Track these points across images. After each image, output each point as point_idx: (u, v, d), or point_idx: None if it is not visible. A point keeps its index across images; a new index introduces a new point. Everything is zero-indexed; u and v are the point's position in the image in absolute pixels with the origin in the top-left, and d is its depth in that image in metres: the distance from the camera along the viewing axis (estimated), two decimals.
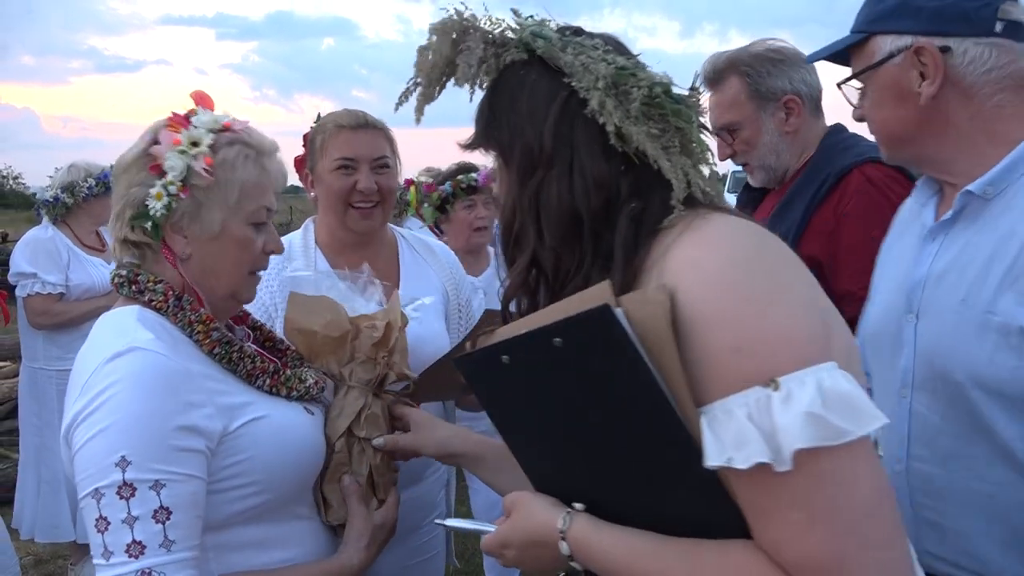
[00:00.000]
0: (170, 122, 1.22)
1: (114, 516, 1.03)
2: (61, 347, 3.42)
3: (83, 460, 1.06)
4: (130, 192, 1.20)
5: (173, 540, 1.05)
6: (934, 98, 1.17)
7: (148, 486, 1.04)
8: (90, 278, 3.44)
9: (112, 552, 1.03)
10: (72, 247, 3.47)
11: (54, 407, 3.39)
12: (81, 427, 1.07)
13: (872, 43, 1.22)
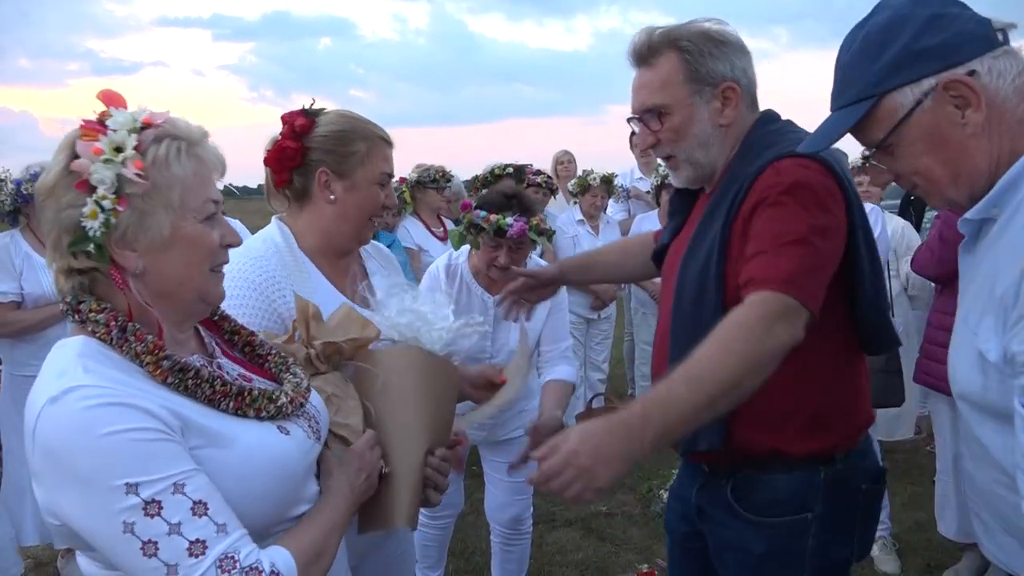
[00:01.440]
0: (84, 131, 1.10)
1: (156, 534, 0.99)
2: (26, 353, 3.41)
3: (82, 504, 1.00)
4: (61, 217, 1.09)
5: (223, 523, 1.04)
6: (983, 126, 1.15)
7: (170, 493, 1.01)
8: (41, 287, 3.39)
9: (176, 564, 0.99)
10: (29, 254, 3.43)
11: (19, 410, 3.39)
12: (57, 472, 1.02)
13: (886, 103, 1.19)
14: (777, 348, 1.34)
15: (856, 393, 1.63)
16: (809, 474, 1.55)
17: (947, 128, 1.16)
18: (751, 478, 1.57)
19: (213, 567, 1.00)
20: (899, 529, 3.79)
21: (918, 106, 1.17)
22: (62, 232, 1.10)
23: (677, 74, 1.62)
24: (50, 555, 3.78)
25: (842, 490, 1.57)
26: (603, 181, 5.32)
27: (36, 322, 3.37)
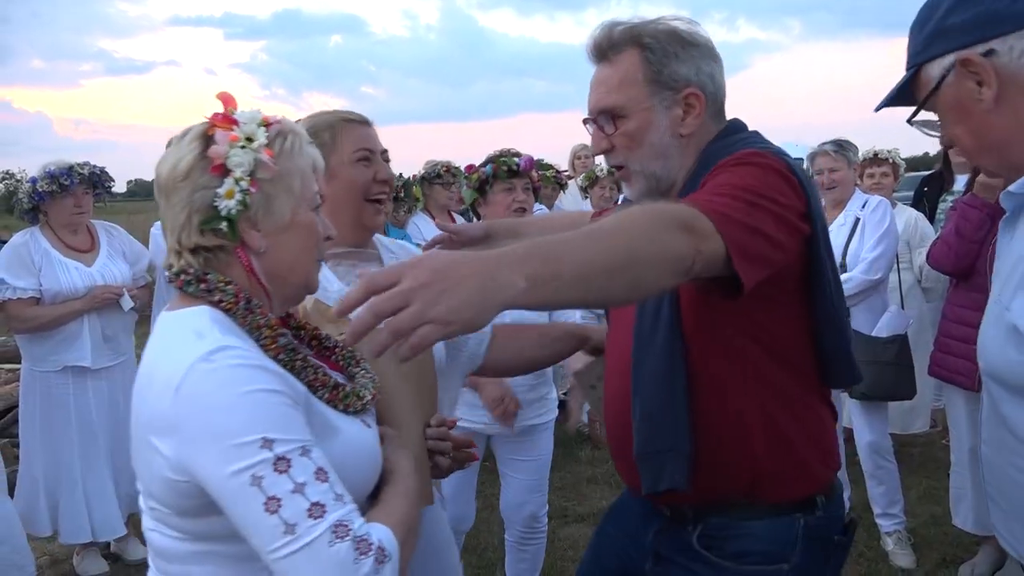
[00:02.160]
0: (217, 122, 1.21)
1: (282, 491, 1.02)
2: (44, 349, 3.47)
3: (218, 454, 1.03)
4: (195, 198, 1.18)
5: (341, 494, 1.06)
6: (998, 100, 1.18)
7: (298, 454, 1.05)
8: (59, 283, 3.44)
9: (295, 524, 1.01)
10: (48, 251, 3.48)
11: (44, 406, 3.45)
12: (201, 423, 1.05)
13: (922, 74, 1.26)
14: (663, 254, 1.10)
15: (829, 428, 1.51)
16: (788, 522, 1.42)
17: (968, 102, 1.21)
18: (722, 525, 1.43)
19: (328, 531, 1.02)
20: (914, 523, 3.77)
21: (943, 80, 1.22)
22: (193, 212, 1.18)
23: (637, 73, 1.46)
24: (65, 552, 3.81)
25: (818, 540, 1.45)
26: (610, 173, 5.31)
27: (54, 318, 3.41)
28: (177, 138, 1.24)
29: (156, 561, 1.21)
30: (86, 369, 3.49)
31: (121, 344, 3.65)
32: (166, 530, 1.16)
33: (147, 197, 4.73)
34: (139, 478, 1.18)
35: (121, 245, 3.73)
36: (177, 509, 1.12)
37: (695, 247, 1.12)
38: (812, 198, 1.35)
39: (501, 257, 0.98)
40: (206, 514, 1.09)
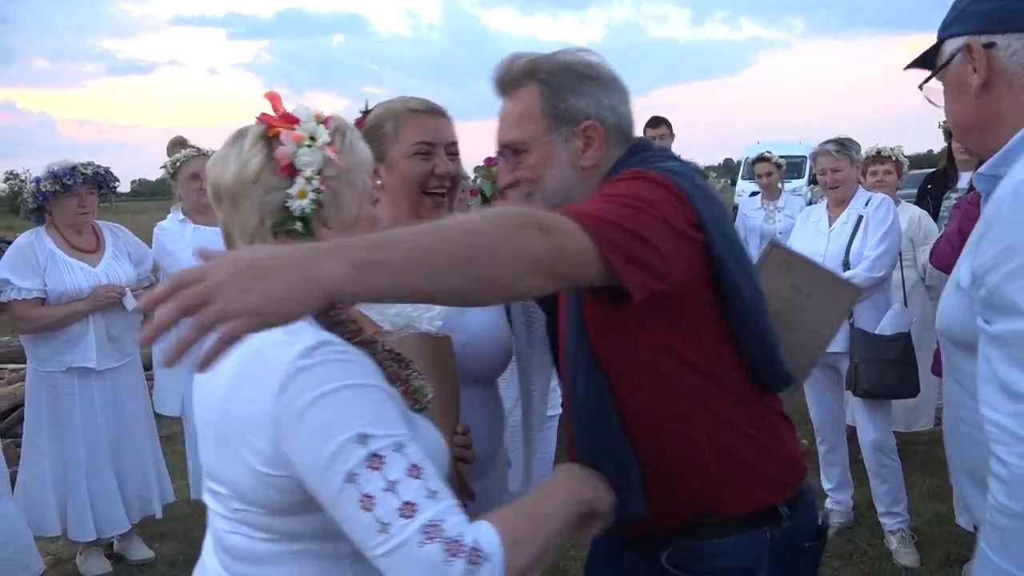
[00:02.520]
0: (276, 122, 1.20)
1: (375, 489, 1.01)
2: (49, 349, 3.47)
3: (316, 453, 1.03)
4: (266, 200, 1.18)
5: (435, 490, 1.04)
6: (984, 90, 1.31)
7: (392, 450, 1.03)
8: (63, 283, 3.44)
9: (388, 523, 1.00)
10: (53, 251, 3.48)
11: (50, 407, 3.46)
12: (303, 420, 1.04)
13: (944, 47, 1.38)
14: (512, 249, 1.07)
15: (784, 437, 1.49)
16: (755, 536, 1.41)
17: (964, 84, 1.34)
18: (690, 545, 1.41)
19: (419, 532, 1.00)
20: (918, 521, 3.75)
21: (953, 58, 1.35)
22: (265, 215, 1.19)
23: (535, 108, 1.45)
24: (69, 552, 3.82)
25: (788, 550, 1.44)
26: None
27: (59, 318, 3.42)
28: (230, 142, 1.22)
29: (232, 564, 1.18)
30: (91, 369, 3.49)
31: (126, 345, 3.65)
32: (251, 531, 1.13)
33: (150, 197, 4.69)
34: (221, 480, 1.15)
35: (126, 245, 3.73)
36: (271, 507, 1.10)
37: (553, 244, 1.10)
38: (703, 210, 1.32)
39: (323, 245, 0.97)
40: (301, 512, 1.09)
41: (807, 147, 18.61)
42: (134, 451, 3.66)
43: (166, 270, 3.72)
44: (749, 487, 1.40)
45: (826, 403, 3.80)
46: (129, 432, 3.64)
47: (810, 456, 4.43)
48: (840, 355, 3.58)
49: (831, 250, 3.64)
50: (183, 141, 4.46)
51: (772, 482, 1.43)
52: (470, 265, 1.05)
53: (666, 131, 6.02)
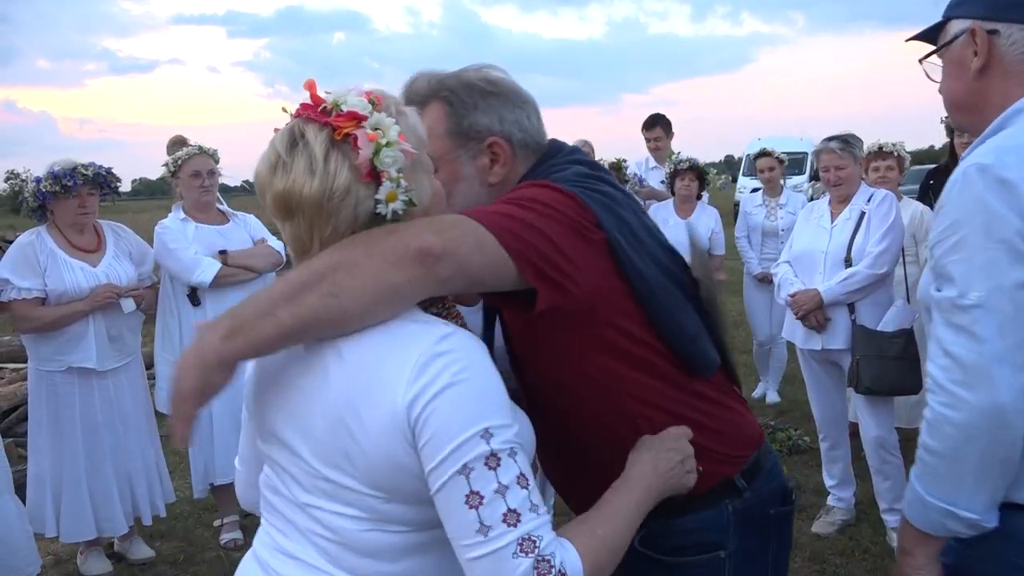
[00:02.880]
0: (343, 124, 1.11)
1: (486, 489, 1.01)
2: (49, 349, 3.46)
3: (441, 438, 1.03)
4: (359, 211, 1.12)
5: (536, 504, 1.04)
6: (982, 73, 1.42)
7: (507, 454, 1.03)
8: (63, 283, 3.43)
9: (490, 527, 1.00)
10: (54, 251, 3.47)
11: (51, 406, 3.46)
12: (431, 405, 1.04)
13: (948, 26, 1.48)
14: (383, 244, 1.10)
15: (731, 415, 1.50)
16: (716, 511, 1.44)
17: (963, 64, 1.44)
18: (659, 525, 1.43)
19: (516, 542, 1.01)
20: None
21: (956, 38, 1.45)
22: (357, 226, 1.13)
23: (440, 126, 1.46)
24: (69, 551, 3.82)
25: (753, 520, 1.47)
26: (612, 168, 5.28)
27: (58, 318, 3.41)
28: (288, 148, 1.12)
29: (361, 562, 1.12)
30: (91, 370, 3.48)
31: (127, 344, 3.64)
32: (388, 527, 1.11)
33: (151, 196, 4.66)
34: (347, 473, 1.10)
35: (128, 245, 3.72)
36: (416, 496, 1.08)
37: (418, 234, 1.11)
38: (599, 210, 1.33)
39: (203, 336, 1.10)
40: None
41: (808, 143, 18.58)
42: (135, 451, 3.65)
43: (168, 269, 3.70)
44: (704, 462, 1.42)
45: (828, 400, 3.79)
46: (130, 432, 3.63)
47: (813, 453, 4.43)
48: (842, 352, 3.57)
49: (833, 247, 3.63)
50: (183, 140, 4.44)
51: (725, 458, 1.47)
52: (318, 287, 1.08)
53: (661, 133, 6.00)
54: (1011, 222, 1.26)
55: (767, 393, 5.86)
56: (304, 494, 1.15)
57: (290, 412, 1.16)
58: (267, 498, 1.24)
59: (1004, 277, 1.25)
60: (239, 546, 3.82)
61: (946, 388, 1.29)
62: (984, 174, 1.29)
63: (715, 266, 5.40)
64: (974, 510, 1.30)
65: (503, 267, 1.17)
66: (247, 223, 3.96)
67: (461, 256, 1.12)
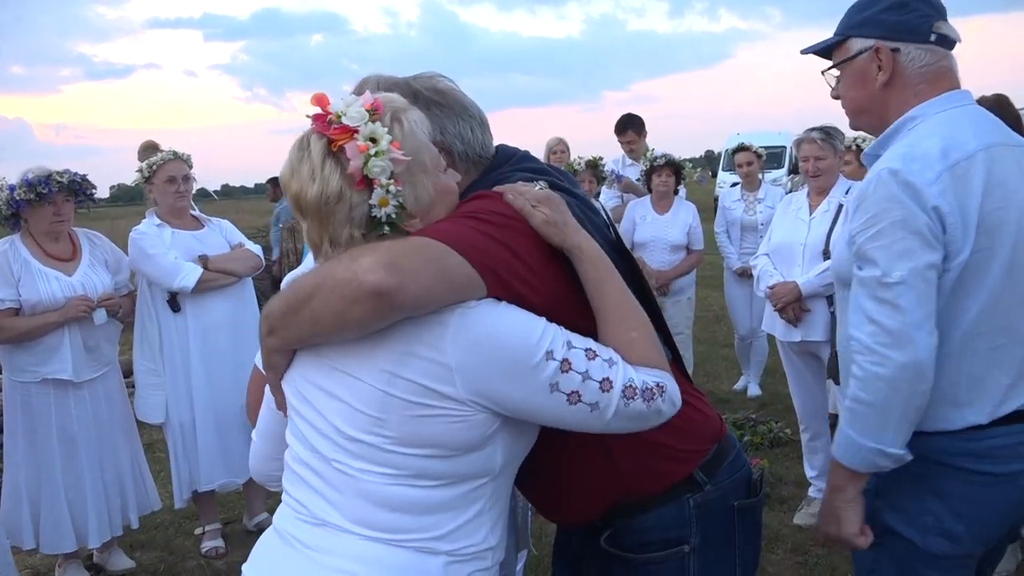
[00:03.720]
0: (337, 136, 1.21)
1: (575, 384, 1.20)
2: (23, 360, 3.41)
3: (524, 377, 1.19)
4: (353, 216, 1.22)
5: (608, 357, 1.23)
6: (886, 85, 1.70)
7: (567, 349, 1.21)
8: (38, 293, 3.37)
9: (596, 402, 1.20)
10: (28, 260, 3.41)
11: (26, 417, 3.41)
12: (488, 354, 1.19)
13: (849, 43, 1.74)
14: (343, 276, 1.15)
15: (688, 413, 1.46)
16: (677, 506, 1.46)
17: (867, 76, 1.71)
18: (624, 524, 1.48)
19: (620, 397, 1.21)
20: None
21: (860, 54, 1.71)
22: (354, 228, 1.23)
23: None
24: (47, 564, 3.77)
25: (716, 514, 1.49)
26: (588, 166, 5.26)
27: (31, 329, 3.35)
28: (299, 154, 1.25)
29: (392, 518, 1.22)
30: (67, 381, 3.43)
31: (105, 355, 3.59)
32: (425, 482, 1.22)
33: (129, 202, 4.60)
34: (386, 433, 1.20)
35: (104, 254, 3.66)
36: (457, 447, 1.21)
37: (373, 268, 1.13)
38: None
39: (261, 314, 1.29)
40: (482, 447, 1.23)
41: (787, 137, 18.70)
42: (114, 461, 3.61)
43: (146, 275, 3.63)
44: (657, 463, 1.45)
45: (808, 392, 3.81)
46: (108, 442, 3.58)
47: (794, 445, 4.45)
48: (821, 344, 3.58)
49: (811, 239, 3.64)
50: (155, 145, 4.39)
51: (684, 454, 1.48)
52: (302, 310, 1.20)
53: (633, 136, 6.01)
54: (920, 217, 1.54)
55: (749, 386, 5.89)
56: (335, 452, 1.24)
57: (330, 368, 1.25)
58: (292, 470, 1.32)
59: (919, 260, 1.54)
60: (221, 554, 3.79)
61: (874, 350, 1.56)
62: (895, 177, 1.56)
63: (694, 261, 5.42)
64: (899, 446, 1.59)
65: (470, 284, 1.19)
66: (222, 228, 3.91)
67: (419, 285, 1.14)
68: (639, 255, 5.06)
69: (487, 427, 1.22)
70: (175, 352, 3.65)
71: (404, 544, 1.22)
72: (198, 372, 3.67)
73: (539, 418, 1.24)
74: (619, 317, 1.29)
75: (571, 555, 1.65)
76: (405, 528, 1.22)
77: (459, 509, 1.25)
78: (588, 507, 1.49)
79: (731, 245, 5.70)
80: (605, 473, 1.44)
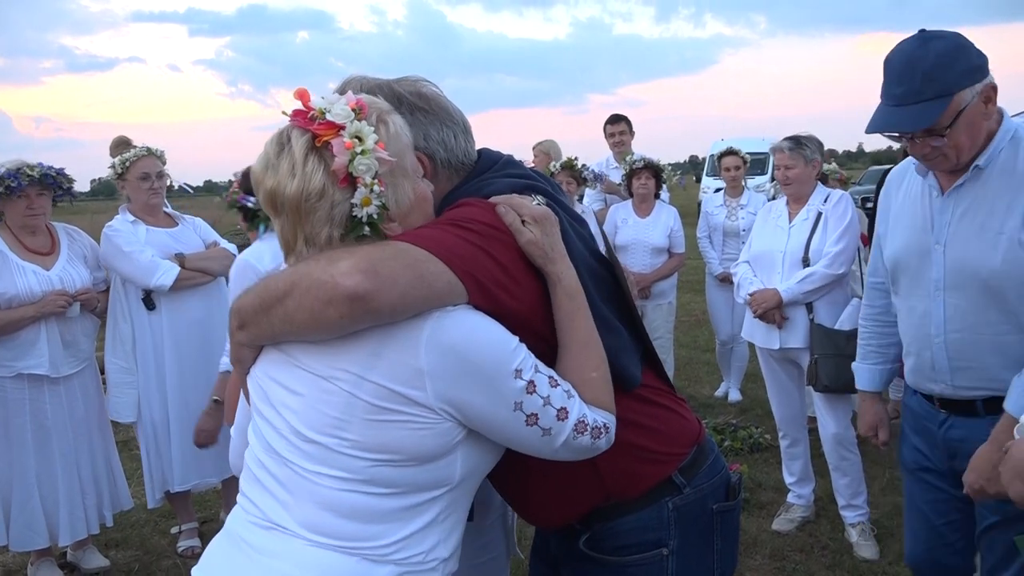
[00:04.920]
0: (323, 132, 1.19)
1: (536, 407, 1.22)
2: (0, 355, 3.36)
3: (492, 389, 1.20)
4: (334, 214, 1.20)
5: (568, 389, 1.27)
6: (989, 117, 1.94)
7: (535, 371, 1.23)
8: (15, 287, 3.33)
9: (550, 428, 1.24)
10: (6, 253, 3.37)
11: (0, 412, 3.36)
12: (461, 365, 1.19)
13: (957, 98, 1.89)
14: (320, 277, 1.15)
15: (667, 416, 1.52)
16: (656, 509, 1.47)
17: (980, 116, 1.92)
18: (603, 528, 1.48)
19: (572, 430, 1.25)
20: (878, 514, 3.80)
21: (972, 100, 1.89)
22: (334, 227, 1.21)
23: None
24: (19, 562, 3.72)
25: (694, 517, 1.50)
26: (564, 167, 5.26)
27: (7, 323, 3.29)
28: (276, 149, 1.22)
29: (340, 524, 1.20)
30: (43, 376, 3.38)
31: (82, 350, 3.55)
32: (374, 488, 1.20)
33: (110, 196, 4.56)
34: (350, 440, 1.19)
35: (82, 249, 3.62)
36: (419, 456, 1.20)
37: (351, 272, 1.14)
38: None
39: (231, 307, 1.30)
40: (442, 456, 1.22)
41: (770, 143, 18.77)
42: (88, 458, 3.57)
43: (121, 272, 3.58)
44: (637, 467, 1.46)
45: (787, 399, 3.83)
46: (83, 439, 3.54)
47: (773, 451, 4.47)
48: (800, 351, 3.61)
49: (791, 246, 3.66)
50: (127, 141, 4.35)
51: (664, 456, 1.49)
52: (280, 307, 1.19)
53: (625, 128, 6.06)
54: None
55: (729, 392, 5.92)
56: (289, 453, 1.22)
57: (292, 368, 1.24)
58: (249, 469, 1.30)
59: None
60: (196, 554, 3.74)
61: None
62: None
63: (675, 265, 5.45)
64: None
65: (452, 292, 1.20)
66: (196, 225, 3.90)
67: (397, 292, 1.14)
68: (620, 259, 5.07)
69: (451, 437, 1.21)
70: (148, 350, 3.63)
71: (352, 552, 1.19)
72: (172, 371, 3.64)
73: (494, 433, 1.24)
74: (583, 354, 1.31)
75: (549, 556, 1.65)
76: (354, 536, 1.20)
77: (410, 519, 1.22)
78: (568, 510, 1.49)
79: (713, 250, 5.73)
80: (586, 477, 1.44)
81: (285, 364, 1.24)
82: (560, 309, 1.30)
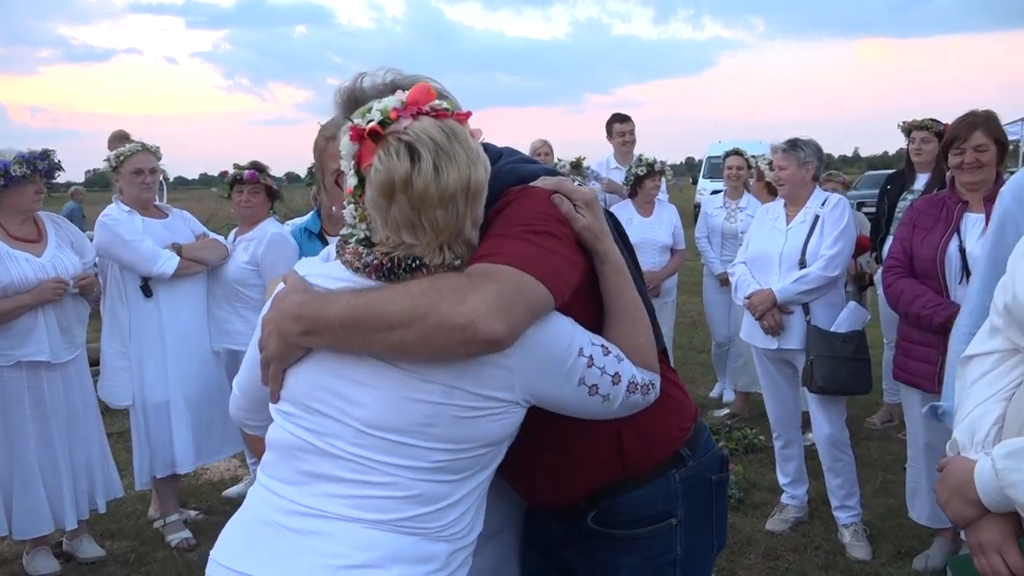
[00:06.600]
0: (462, 120, 1.28)
1: (595, 378, 1.32)
2: None
3: (555, 373, 1.29)
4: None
5: (617, 354, 1.36)
6: None
7: (591, 344, 1.32)
8: (9, 275, 3.33)
9: (608, 394, 1.34)
10: None
11: None
12: (535, 353, 1.27)
13: None
14: (453, 319, 1.15)
15: (672, 388, 1.57)
16: (664, 482, 1.53)
17: None
18: (612, 504, 1.52)
19: (625, 390, 1.35)
20: (871, 516, 3.82)
21: None
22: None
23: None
24: (15, 552, 3.72)
25: (697, 487, 1.57)
26: (572, 167, 5.29)
27: (7, 311, 3.29)
28: (449, 143, 1.22)
29: (418, 510, 1.24)
30: (40, 363, 3.39)
31: (76, 336, 3.56)
32: (448, 477, 1.27)
33: (106, 187, 4.60)
34: (428, 435, 1.24)
35: (68, 235, 3.63)
36: (500, 439, 1.31)
37: (487, 316, 1.15)
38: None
39: (289, 308, 1.27)
40: (511, 436, 1.33)
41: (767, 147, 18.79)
42: (84, 444, 3.58)
43: (121, 259, 3.61)
44: (652, 443, 1.52)
45: (782, 399, 3.85)
46: (79, 425, 3.56)
47: (767, 451, 4.50)
48: (796, 352, 3.63)
49: (788, 248, 3.68)
50: (125, 135, 4.35)
51: (671, 432, 1.56)
52: (393, 328, 1.18)
53: (633, 127, 6.09)
54: None
55: (724, 392, 5.94)
56: (352, 445, 1.24)
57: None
58: (280, 458, 1.30)
59: None
60: (192, 546, 3.75)
61: None
62: None
63: (679, 262, 5.49)
64: None
65: (548, 307, 1.26)
66: (185, 218, 3.95)
67: (521, 329, 1.22)
68: None
69: (520, 418, 1.31)
70: (145, 336, 3.67)
71: (413, 532, 1.24)
72: (169, 356, 3.70)
73: (561, 406, 1.34)
74: (632, 322, 1.40)
75: (543, 543, 1.67)
76: (417, 517, 1.24)
77: (465, 499, 1.30)
78: (581, 487, 1.52)
79: (713, 251, 5.75)
80: (609, 452, 1.49)
81: (361, 360, 1.24)
82: (609, 282, 1.39)
